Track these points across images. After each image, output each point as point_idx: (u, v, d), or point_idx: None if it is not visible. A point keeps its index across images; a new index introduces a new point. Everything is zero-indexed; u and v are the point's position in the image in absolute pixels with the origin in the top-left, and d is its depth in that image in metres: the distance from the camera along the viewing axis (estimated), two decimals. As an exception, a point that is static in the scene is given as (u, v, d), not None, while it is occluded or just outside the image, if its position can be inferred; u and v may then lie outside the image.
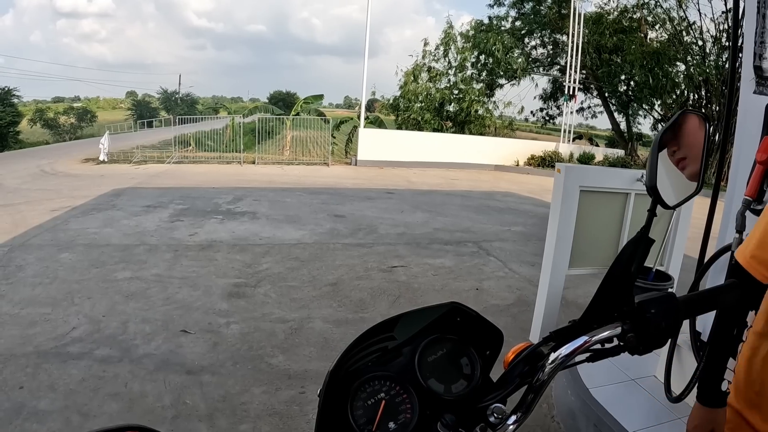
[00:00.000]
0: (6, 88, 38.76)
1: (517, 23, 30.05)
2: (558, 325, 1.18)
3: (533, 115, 34.98)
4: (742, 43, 3.35)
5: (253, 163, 21.58)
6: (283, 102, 58.36)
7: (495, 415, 1.06)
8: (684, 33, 26.71)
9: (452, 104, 27.03)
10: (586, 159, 23.31)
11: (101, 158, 22.83)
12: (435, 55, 27.19)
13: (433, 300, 6.13)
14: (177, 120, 27.00)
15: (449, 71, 27.23)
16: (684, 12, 26.45)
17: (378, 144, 21.28)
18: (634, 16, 27.95)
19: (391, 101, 27.94)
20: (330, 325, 5.52)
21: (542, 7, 29.45)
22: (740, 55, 3.42)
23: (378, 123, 25.37)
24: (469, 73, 27.83)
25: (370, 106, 35.58)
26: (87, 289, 6.85)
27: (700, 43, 26.26)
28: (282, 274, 7.38)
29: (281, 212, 11.63)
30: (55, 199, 13.61)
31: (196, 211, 11.82)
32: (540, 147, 24.36)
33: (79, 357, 5.02)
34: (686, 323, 3.50)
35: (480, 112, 26.98)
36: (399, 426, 1.11)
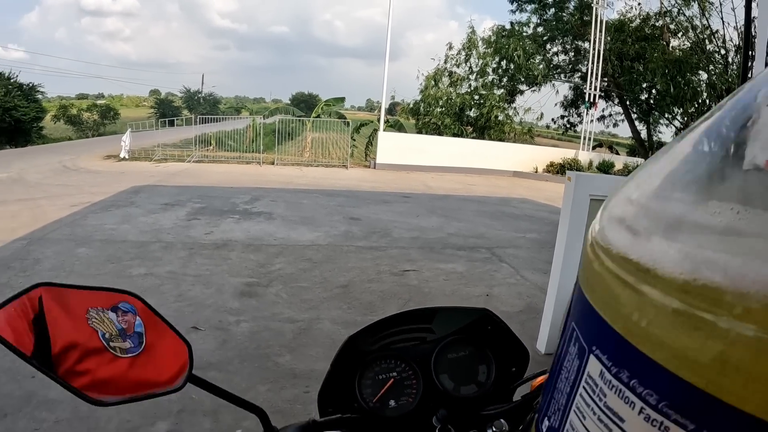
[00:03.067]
0: (30, 84, 39.17)
1: (539, 29, 29.81)
2: None
3: (554, 122, 34.75)
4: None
5: (273, 163, 21.72)
6: (305, 104, 58.63)
7: (494, 428, 1.08)
8: (707, 41, 26.45)
9: (472, 109, 26.92)
10: (605, 167, 23.15)
11: (122, 155, 23.08)
12: (457, 60, 27.14)
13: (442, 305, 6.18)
14: (199, 119, 27.17)
15: (470, 76, 27.15)
16: (707, 20, 26.23)
17: (397, 148, 21.29)
18: (657, 24, 27.71)
19: (411, 105, 27.90)
20: (338, 327, 5.57)
21: (564, 14, 29.19)
22: (752, 55, 3.42)
23: (398, 127, 25.38)
24: (490, 78, 27.69)
25: (392, 109, 35.60)
26: (102, 283, 6.96)
27: (722, 51, 26.00)
28: (294, 275, 7.44)
29: (297, 214, 11.69)
30: (75, 194, 13.78)
31: (213, 210, 11.92)
32: (559, 154, 24.22)
33: None
34: None
35: (500, 117, 26.82)
36: (398, 406, 1.16)
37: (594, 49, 24.43)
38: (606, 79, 28.20)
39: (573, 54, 31.34)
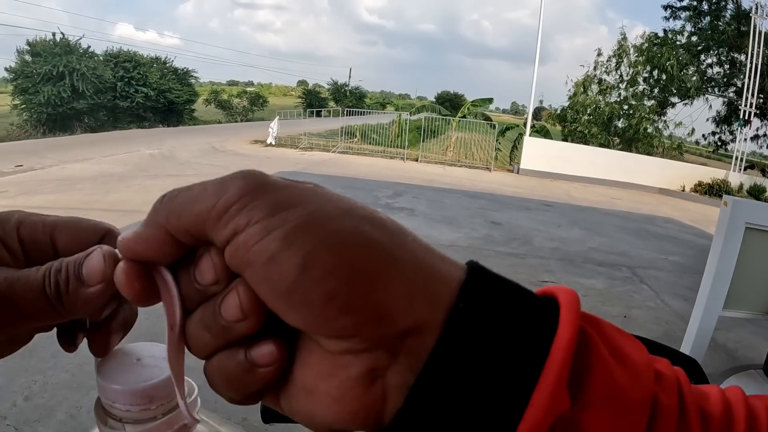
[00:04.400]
0: (185, 69, 41.25)
1: (693, 38, 28.27)
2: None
3: (704, 139, 32.99)
4: None
5: (416, 160, 21.94)
6: (450, 103, 58.56)
7: None
8: None
9: (621, 120, 26.05)
10: (756, 191, 21.95)
11: (269, 141, 23.87)
12: (607, 67, 26.27)
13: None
14: (345, 111, 27.75)
15: (620, 85, 26.19)
16: None
17: (542, 154, 20.98)
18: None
19: (558, 111, 27.35)
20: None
21: (720, 23, 27.45)
22: None
23: (544, 133, 24.97)
24: (640, 88, 26.60)
25: (537, 114, 35.06)
26: None
27: None
28: (432, 276, 7.58)
29: (439, 212, 11.82)
30: (222, 174, 14.38)
31: (356, 201, 12.23)
32: (708, 173, 22.98)
33: None
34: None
35: (649, 130, 25.76)
36: None
37: (751, 62, 23.07)
38: (763, 96, 26.62)
39: (728, 66, 29.43)
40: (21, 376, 4.51)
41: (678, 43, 27.50)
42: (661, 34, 27.73)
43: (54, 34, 32.62)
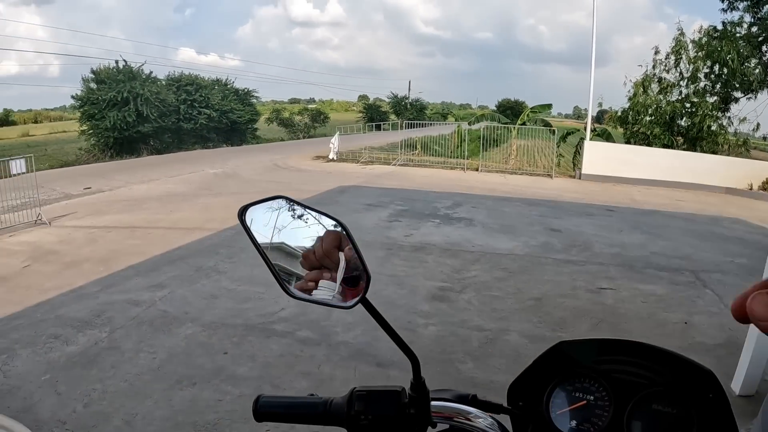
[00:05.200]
0: (245, 89, 42.24)
1: (753, 29, 27.18)
2: (765, 377, 1.15)
3: (772, 134, 31.67)
4: None
5: (477, 170, 21.87)
6: (511, 110, 58.13)
7: None
8: None
9: (683, 118, 25.33)
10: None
11: (331, 156, 24.16)
12: (666, 65, 25.47)
13: (636, 330, 6.05)
14: (405, 124, 27.87)
15: (680, 82, 25.39)
16: None
17: (603, 158, 20.57)
18: None
19: (619, 113, 26.73)
20: (525, 340, 5.66)
21: None
22: None
23: (605, 136, 24.54)
24: (701, 84, 25.70)
25: (600, 117, 34.44)
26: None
27: None
28: (488, 283, 7.59)
29: (497, 221, 11.81)
30: (284, 191, 14.43)
31: (414, 213, 12.30)
32: (776, 170, 22.25)
33: (282, 335, 5.68)
34: None
35: (713, 127, 24.89)
36: (576, 429, 1.11)
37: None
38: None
39: (793, 57, 28.29)
40: (82, 384, 4.71)
41: (738, 35, 26.41)
42: (719, 27, 26.76)
43: (117, 62, 33.72)
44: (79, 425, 4.22)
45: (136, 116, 31.79)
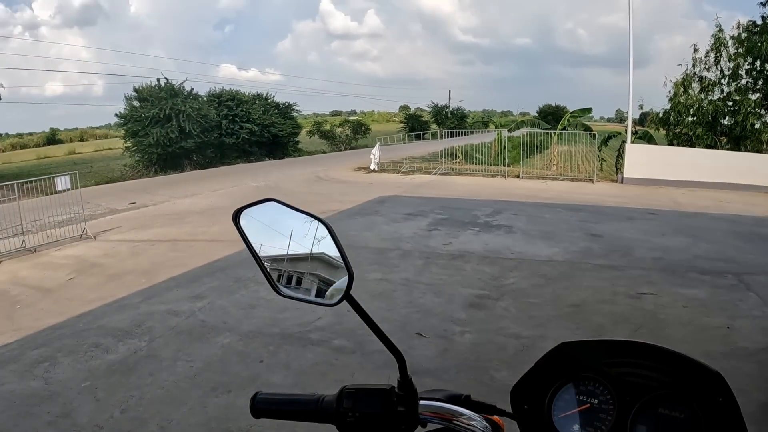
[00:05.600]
0: (286, 103, 42.79)
1: None
2: None
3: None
4: None
5: (518, 177, 21.81)
6: (552, 116, 57.73)
7: None
8: None
9: (726, 117, 24.71)
10: None
11: (372, 167, 24.28)
12: (706, 63, 24.82)
13: (677, 335, 5.98)
14: (445, 133, 27.90)
15: (722, 80, 24.74)
16: None
17: (645, 161, 20.21)
18: None
19: (660, 115, 26.24)
20: (563, 348, 5.57)
21: None
22: None
23: (647, 138, 24.12)
24: (743, 81, 25.05)
25: (642, 120, 33.92)
26: None
27: None
28: (526, 290, 7.59)
29: (537, 228, 11.78)
30: (325, 202, 14.85)
31: (454, 221, 12.33)
32: (827, 167, 21.59)
33: (318, 344, 5.78)
34: None
35: (756, 126, 24.19)
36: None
37: None
38: None
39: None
40: (120, 391, 4.86)
41: (779, 28, 25.64)
42: (759, 21, 25.92)
43: (158, 80, 34.42)
44: (116, 430, 4.36)
45: (178, 132, 32.48)
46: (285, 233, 1.22)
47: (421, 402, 1.20)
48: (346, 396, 1.17)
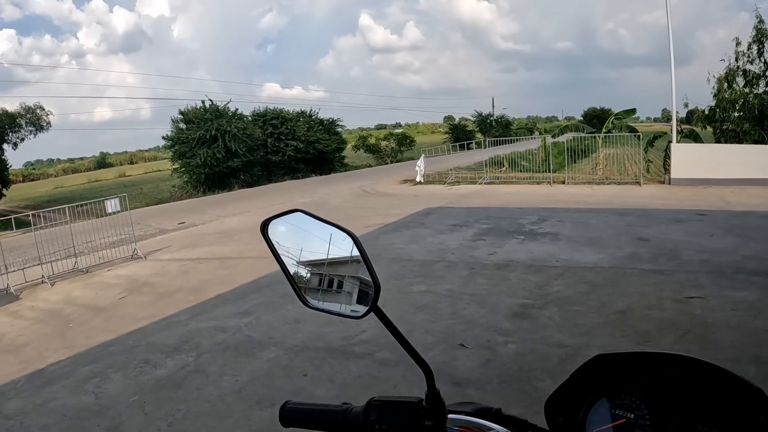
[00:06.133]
0: (330, 119, 43.45)
1: None
2: None
3: None
4: None
5: (563, 183, 21.69)
6: (597, 119, 57.36)
7: None
8: None
9: None
10: None
11: (417, 179, 24.40)
12: (749, 56, 24.24)
13: (724, 340, 5.89)
14: (490, 142, 27.87)
15: (766, 72, 24.16)
16: None
17: (692, 160, 19.77)
18: None
19: (706, 112, 25.71)
20: (608, 356, 5.54)
21: None
22: None
23: (694, 137, 23.68)
24: None
25: (689, 118, 33.31)
26: (383, 298, 7.62)
27: None
28: (571, 298, 7.57)
29: (583, 234, 11.72)
30: (371, 216, 14.97)
31: (499, 230, 12.34)
32: None
33: (361, 356, 5.87)
34: None
35: None
36: None
37: None
38: None
39: None
40: (167, 405, 5.03)
41: (822, 13, 24.79)
42: None
43: (203, 102, 35.07)
44: (162, 442, 4.53)
45: (225, 152, 33.07)
46: (312, 244, 1.23)
47: (450, 416, 1.18)
48: (373, 408, 1.17)
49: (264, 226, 1.25)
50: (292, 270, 1.25)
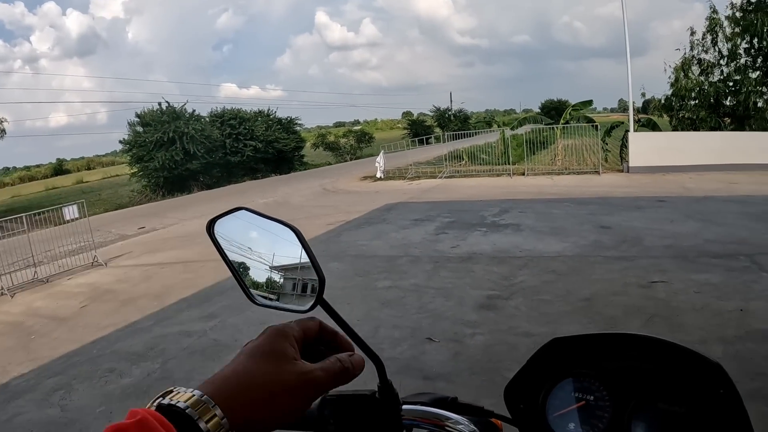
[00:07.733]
0: (288, 118, 43.28)
1: None
2: None
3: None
4: None
5: (523, 174, 21.75)
6: (555, 111, 57.95)
7: None
8: None
9: (728, 98, 24.53)
10: None
11: (378, 176, 24.34)
12: (703, 45, 24.57)
13: (690, 322, 5.89)
14: (449, 136, 27.92)
15: (720, 61, 24.49)
16: None
17: (650, 148, 20.01)
18: None
19: (663, 101, 26.06)
20: (576, 343, 5.50)
21: None
22: None
23: (651, 125, 23.95)
24: (742, 60, 24.72)
25: (646, 107, 33.76)
26: (349, 295, 7.64)
27: None
28: (536, 288, 7.54)
29: (546, 224, 11.72)
30: (333, 214, 14.88)
31: (461, 224, 12.29)
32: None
33: None
34: None
35: (759, 104, 24.00)
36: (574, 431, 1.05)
37: None
38: None
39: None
40: None
41: (773, 5, 25.31)
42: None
43: (159, 104, 34.78)
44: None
45: (183, 154, 32.81)
46: (258, 241, 1.17)
47: (405, 407, 1.14)
48: (327, 403, 1.12)
49: (210, 226, 1.13)
50: (239, 268, 1.16)
